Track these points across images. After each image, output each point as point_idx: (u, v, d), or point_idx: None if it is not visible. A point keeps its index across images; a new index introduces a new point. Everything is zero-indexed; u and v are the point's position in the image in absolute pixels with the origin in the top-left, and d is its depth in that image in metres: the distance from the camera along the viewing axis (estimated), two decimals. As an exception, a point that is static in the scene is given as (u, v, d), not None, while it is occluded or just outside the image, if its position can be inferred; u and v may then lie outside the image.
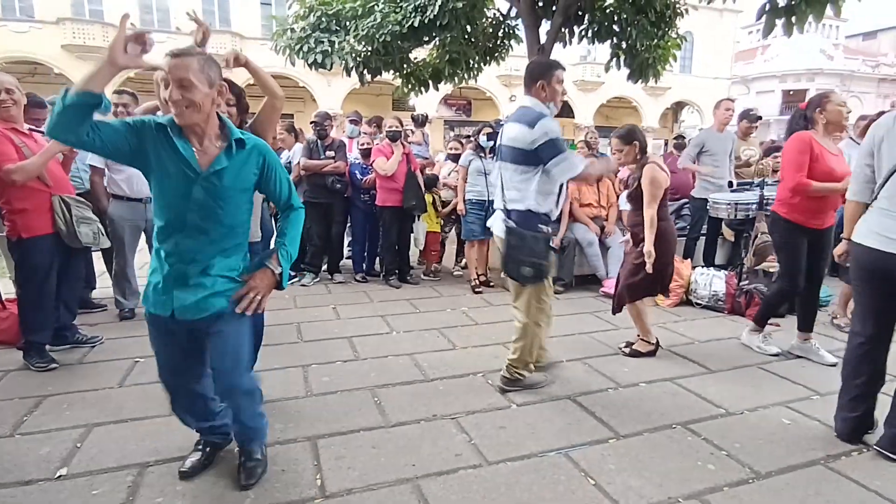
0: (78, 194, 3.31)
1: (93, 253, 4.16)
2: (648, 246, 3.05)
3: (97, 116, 1.52)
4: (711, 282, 4.38)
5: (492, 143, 4.58)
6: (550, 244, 2.64)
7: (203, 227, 1.69)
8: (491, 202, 4.41)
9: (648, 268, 3.07)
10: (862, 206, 2.31)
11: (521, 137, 2.55)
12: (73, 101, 1.42)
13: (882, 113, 3.58)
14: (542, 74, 2.63)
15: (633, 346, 3.32)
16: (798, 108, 3.29)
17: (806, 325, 3.34)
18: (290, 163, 5.03)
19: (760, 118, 5.48)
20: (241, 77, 2.41)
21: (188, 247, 1.70)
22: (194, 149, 1.66)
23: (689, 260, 4.92)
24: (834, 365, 3.15)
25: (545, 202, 2.62)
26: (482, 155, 4.84)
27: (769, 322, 3.49)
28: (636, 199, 3.17)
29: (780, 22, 4.98)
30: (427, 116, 4.62)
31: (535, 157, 2.54)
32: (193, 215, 1.67)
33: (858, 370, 2.30)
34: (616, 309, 3.39)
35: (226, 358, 1.81)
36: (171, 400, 1.94)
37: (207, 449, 2.07)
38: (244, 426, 1.97)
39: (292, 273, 5.18)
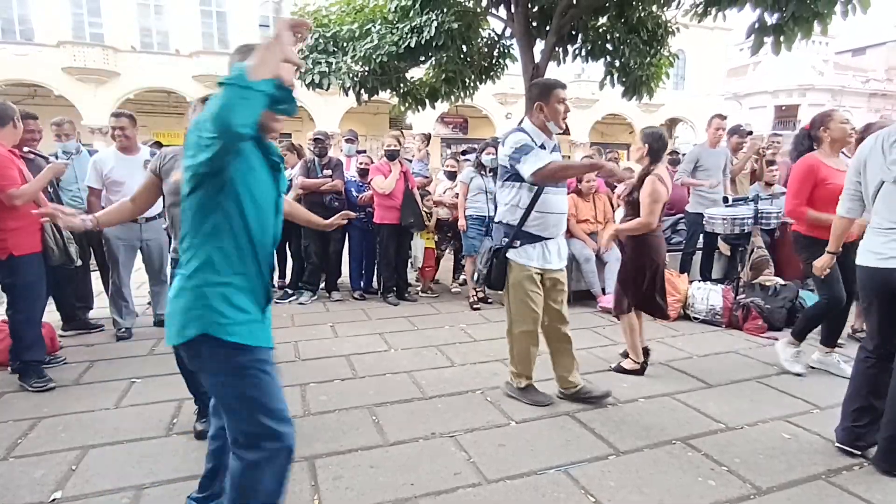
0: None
1: (91, 273, 4.17)
2: (617, 226, 3.12)
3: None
4: (708, 296, 4.40)
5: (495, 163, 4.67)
6: (498, 256, 2.72)
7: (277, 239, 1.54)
8: (491, 218, 4.47)
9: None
10: (850, 222, 2.42)
11: (500, 155, 2.74)
12: (266, 87, 1.14)
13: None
14: (539, 96, 2.67)
15: (620, 363, 3.31)
16: (803, 129, 3.36)
17: (830, 341, 3.33)
18: (290, 180, 5.05)
19: (751, 133, 5.56)
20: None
21: (269, 264, 1.51)
22: None
23: (685, 274, 4.93)
24: None
25: (514, 214, 2.70)
26: (483, 172, 5.00)
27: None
28: (632, 204, 3.15)
29: (768, 40, 5.09)
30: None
31: (508, 168, 2.67)
32: (279, 229, 1.53)
33: (865, 383, 2.32)
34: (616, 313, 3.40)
35: None
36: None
37: None
38: None
39: (290, 291, 5.17)
